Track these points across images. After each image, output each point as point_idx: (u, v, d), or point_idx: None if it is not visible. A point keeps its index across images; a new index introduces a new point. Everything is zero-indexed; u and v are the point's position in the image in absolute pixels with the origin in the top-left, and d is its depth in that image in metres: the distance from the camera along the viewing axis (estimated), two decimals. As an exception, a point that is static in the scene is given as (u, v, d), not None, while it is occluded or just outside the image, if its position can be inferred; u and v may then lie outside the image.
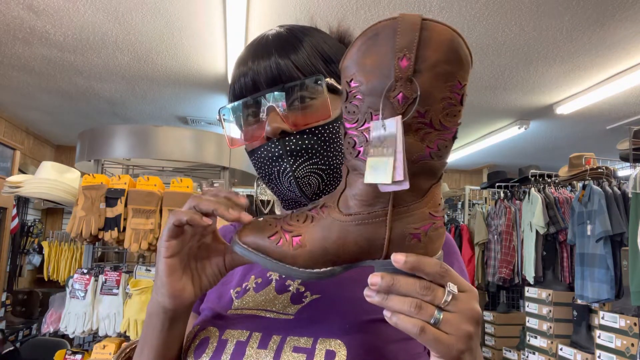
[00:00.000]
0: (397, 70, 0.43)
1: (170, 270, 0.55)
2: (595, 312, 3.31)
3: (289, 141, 0.62)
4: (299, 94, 0.63)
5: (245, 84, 0.64)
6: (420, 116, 0.44)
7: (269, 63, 0.63)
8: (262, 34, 0.69)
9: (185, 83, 4.18)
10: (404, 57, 0.43)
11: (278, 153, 0.62)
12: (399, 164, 0.43)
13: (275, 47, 0.64)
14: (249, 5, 2.84)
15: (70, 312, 2.28)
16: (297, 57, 0.64)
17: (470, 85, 4.00)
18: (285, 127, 0.61)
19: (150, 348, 0.61)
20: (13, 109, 5.10)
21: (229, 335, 0.61)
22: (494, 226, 4.61)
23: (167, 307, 0.57)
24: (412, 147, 0.45)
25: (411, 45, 0.42)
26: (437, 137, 0.45)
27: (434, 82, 0.43)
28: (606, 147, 4.97)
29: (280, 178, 0.63)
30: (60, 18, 3.08)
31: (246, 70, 0.64)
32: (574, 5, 2.76)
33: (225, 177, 2.78)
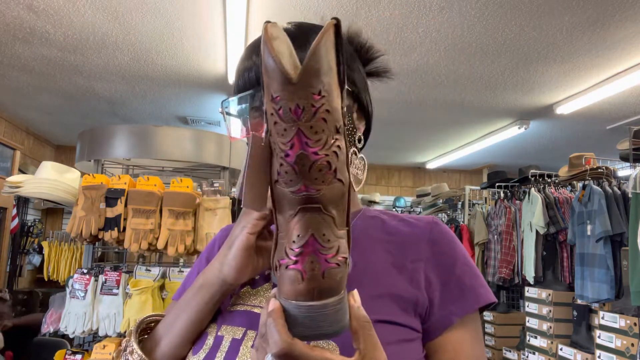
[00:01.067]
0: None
1: (248, 246, 0.57)
2: (595, 312, 3.31)
3: None
4: None
5: (249, 78, 0.64)
6: (271, 134, 0.41)
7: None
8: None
9: (185, 83, 4.18)
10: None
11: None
12: (242, 184, 0.43)
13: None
14: (249, 5, 2.84)
15: (70, 312, 2.28)
16: (303, 54, 0.63)
17: (470, 85, 4.02)
18: None
19: (190, 316, 0.62)
20: (13, 109, 5.10)
21: (225, 331, 0.62)
22: (494, 226, 4.61)
23: (227, 280, 0.59)
24: (273, 168, 0.42)
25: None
26: (280, 161, 0.40)
27: (266, 99, 0.40)
28: (606, 147, 4.97)
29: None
30: (60, 18, 3.08)
31: (250, 64, 0.64)
32: (574, 5, 2.76)
33: (225, 177, 2.78)
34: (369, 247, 0.67)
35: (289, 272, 0.41)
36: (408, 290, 0.62)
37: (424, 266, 0.65)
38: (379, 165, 7.54)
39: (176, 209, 2.28)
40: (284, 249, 0.42)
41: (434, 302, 0.63)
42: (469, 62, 3.58)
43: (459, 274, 0.65)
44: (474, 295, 0.65)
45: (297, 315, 0.42)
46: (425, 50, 3.39)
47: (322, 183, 0.40)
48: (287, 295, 0.42)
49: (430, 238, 0.67)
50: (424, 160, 7.22)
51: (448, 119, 5.01)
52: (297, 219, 0.42)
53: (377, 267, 0.64)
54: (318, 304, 0.42)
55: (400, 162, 7.46)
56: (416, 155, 6.94)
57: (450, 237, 0.69)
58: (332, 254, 0.42)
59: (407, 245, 0.67)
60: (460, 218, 5.55)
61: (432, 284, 0.64)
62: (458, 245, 0.69)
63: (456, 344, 0.63)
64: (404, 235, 0.68)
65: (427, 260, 0.65)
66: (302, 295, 0.41)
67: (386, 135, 5.65)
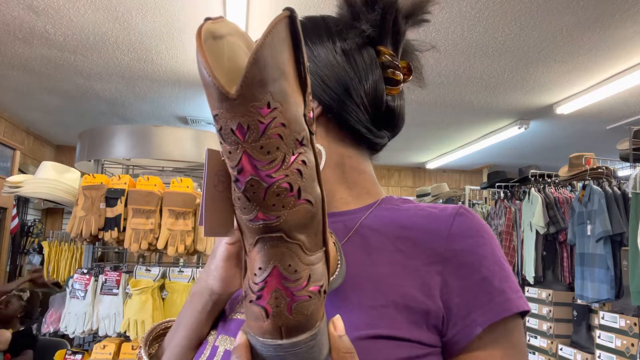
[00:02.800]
0: None
1: (227, 256, 0.55)
2: (595, 312, 3.31)
3: None
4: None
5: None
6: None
7: None
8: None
9: (185, 83, 4.18)
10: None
11: None
12: (202, 208, 0.39)
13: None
14: (249, 5, 2.84)
15: (70, 312, 2.28)
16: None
17: (471, 85, 4.02)
18: None
19: (186, 326, 0.62)
20: (13, 109, 5.10)
21: (221, 341, 0.60)
22: (494, 226, 4.61)
23: (214, 291, 0.58)
24: (232, 192, 0.38)
25: None
26: (233, 186, 0.36)
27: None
28: (606, 147, 4.98)
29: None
30: (60, 18, 3.08)
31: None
32: (574, 5, 2.76)
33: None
34: (376, 247, 0.57)
35: (253, 307, 0.37)
36: (417, 299, 0.52)
37: (440, 268, 0.54)
38: (378, 165, 7.51)
39: (176, 209, 2.28)
40: (247, 282, 0.38)
41: (452, 310, 0.52)
42: (469, 62, 3.58)
43: (486, 275, 0.53)
44: (503, 301, 0.52)
45: (265, 355, 0.38)
46: (425, 50, 3.39)
47: (283, 208, 0.35)
48: (253, 331, 0.38)
49: (450, 233, 0.56)
50: (424, 160, 7.22)
51: (448, 119, 5.01)
52: (257, 250, 0.36)
53: (383, 270, 0.55)
54: (286, 343, 0.37)
55: (400, 162, 7.46)
56: (416, 155, 6.94)
57: (477, 229, 0.56)
58: (301, 285, 0.37)
59: (422, 242, 0.56)
60: (460, 218, 5.55)
61: (450, 288, 0.53)
62: (487, 240, 0.56)
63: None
64: (420, 230, 0.57)
65: (445, 261, 0.54)
66: (269, 333, 0.37)
67: (386, 135, 5.65)
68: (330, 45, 0.65)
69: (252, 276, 0.37)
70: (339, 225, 0.61)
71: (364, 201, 0.65)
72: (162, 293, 2.32)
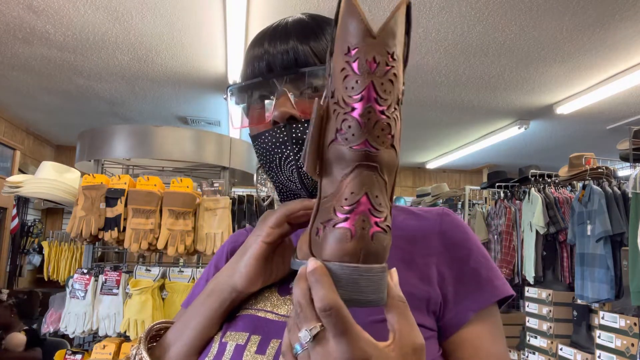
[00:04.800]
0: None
1: (260, 255, 0.56)
2: (595, 312, 3.31)
3: (296, 128, 0.59)
4: (314, 81, 0.61)
5: (259, 66, 0.62)
6: (332, 96, 0.42)
7: (287, 47, 0.61)
8: (281, 19, 0.67)
9: (185, 83, 4.18)
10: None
11: (283, 139, 0.59)
12: (305, 150, 0.42)
13: (295, 31, 0.63)
14: (249, 5, 2.84)
15: (70, 312, 2.28)
16: (316, 45, 0.62)
17: (471, 85, 4.02)
18: (295, 113, 0.59)
19: (198, 324, 0.61)
20: (13, 109, 5.10)
21: (229, 337, 0.60)
22: (494, 226, 4.61)
23: (238, 288, 0.58)
24: (329, 131, 0.42)
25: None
26: (342, 117, 0.40)
27: (336, 56, 0.42)
28: (606, 147, 4.97)
29: (282, 166, 0.61)
30: (60, 18, 3.08)
31: (262, 52, 0.62)
32: (574, 5, 2.76)
33: (225, 177, 2.78)
34: None
35: (337, 230, 0.40)
36: (419, 287, 0.59)
37: (435, 260, 0.62)
38: (379, 165, 7.54)
39: (176, 209, 2.28)
40: (332, 209, 0.41)
41: (447, 297, 0.60)
42: (469, 62, 3.58)
43: (474, 267, 0.62)
44: (491, 288, 0.62)
45: (341, 277, 0.39)
46: (425, 50, 3.39)
47: (382, 144, 0.40)
48: (331, 255, 0.40)
49: (441, 230, 0.64)
50: (424, 160, 7.22)
51: (448, 119, 5.01)
52: (352, 177, 0.40)
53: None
54: (364, 267, 0.39)
55: (401, 162, 7.40)
56: (416, 155, 6.94)
57: (463, 227, 0.66)
58: (382, 218, 0.40)
59: (416, 240, 0.63)
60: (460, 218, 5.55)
61: (445, 278, 0.61)
62: (471, 236, 0.66)
63: (475, 341, 0.60)
64: (413, 229, 0.65)
65: (438, 254, 0.62)
66: (349, 254, 0.39)
67: (386, 135, 5.65)
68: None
69: (339, 202, 0.41)
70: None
71: None
72: (162, 293, 2.33)
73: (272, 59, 0.61)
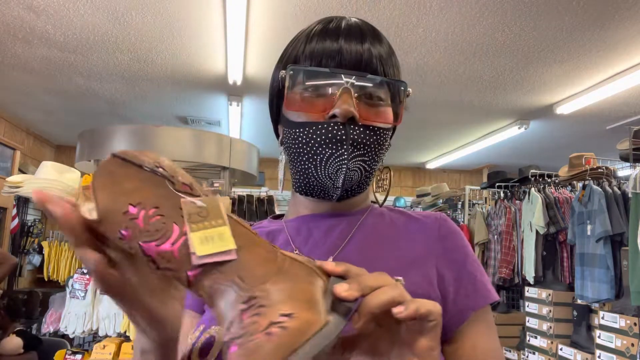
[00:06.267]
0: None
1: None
2: (595, 312, 3.31)
3: (354, 130, 0.60)
4: (379, 89, 0.63)
5: (332, 59, 0.62)
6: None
7: (361, 49, 0.62)
8: (338, 17, 0.68)
9: (185, 83, 4.18)
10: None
11: (340, 137, 0.60)
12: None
13: (370, 35, 0.64)
14: (249, 5, 2.84)
15: (70, 312, 2.28)
16: (382, 51, 0.64)
17: (471, 85, 4.02)
18: (356, 114, 0.60)
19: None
20: (13, 109, 5.10)
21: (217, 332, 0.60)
22: (494, 226, 4.61)
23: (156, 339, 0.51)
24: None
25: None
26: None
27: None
28: (606, 147, 4.97)
29: (329, 162, 0.61)
30: (60, 18, 3.08)
31: (337, 47, 0.62)
32: (574, 5, 2.76)
33: (225, 177, 2.78)
34: (378, 245, 0.66)
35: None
36: (421, 287, 0.61)
37: (435, 262, 0.65)
38: (379, 165, 7.54)
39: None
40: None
41: (447, 298, 0.63)
42: (469, 62, 3.58)
43: (471, 270, 0.66)
44: (485, 291, 0.66)
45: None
46: (425, 50, 3.39)
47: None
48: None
49: (440, 234, 0.68)
50: (424, 160, 7.22)
51: (448, 119, 5.01)
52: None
53: (388, 265, 0.64)
54: None
55: (400, 162, 7.46)
56: (416, 155, 6.94)
57: (459, 233, 0.70)
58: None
59: (417, 242, 0.67)
60: (460, 218, 5.55)
61: (445, 279, 0.64)
62: (466, 241, 0.70)
63: (473, 338, 0.63)
64: (413, 232, 0.68)
65: (438, 257, 0.65)
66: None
67: (386, 135, 5.65)
68: None
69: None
70: (344, 223, 0.69)
71: (359, 205, 0.72)
72: (162, 293, 2.32)
73: (347, 56, 0.62)
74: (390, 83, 0.64)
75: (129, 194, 0.41)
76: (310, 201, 0.70)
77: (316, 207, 0.70)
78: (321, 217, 0.70)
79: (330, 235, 0.67)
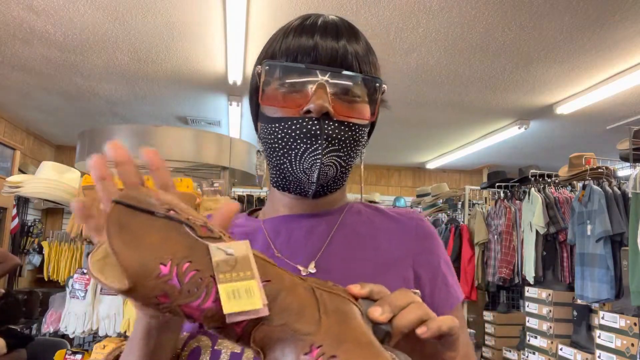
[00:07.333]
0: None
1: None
2: (595, 312, 3.31)
3: (328, 125, 0.60)
4: (354, 85, 0.63)
5: (307, 55, 0.62)
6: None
7: (337, 45, 0.62)
8: (315, 15, 0.68)
9: (185, 83, 4.18)
10: None
11: (314, 132, 0.60)
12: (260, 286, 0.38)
13: (346, 32, 0.65)
14: (249, 5, 2.84)
15: (70, 312, 2.28)
16: (358, 48, 0.64)
17: (471, 85, 4.02)
18: (330, 110, 0.60)
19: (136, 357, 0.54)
20: (13, 109, 5.10)
21: (222, 345, 0.58)
22: (494, 226, 4.61)
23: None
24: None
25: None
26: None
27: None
28: (606, 147, 4.97)
29: (304, 156, 0.61)
30: (60, 18, 3.08)
31: (312, 43, 0.62)
32: (574, 5, 2.76)
33: (225, 177, 2.78)
34: (357, 247, 0.67)
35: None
36: (399, 287, 0.61)
37: (412, 263, 0.67)
38: (379, 165, 7.54)
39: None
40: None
41: (423, 298, 0.62)
42: (469, 62, 3.58)
43: (444, 271, 0.69)
44: (456, 291, 0.69)
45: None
46: (425, 50, 3.39)
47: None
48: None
49: (417, 234, 0.69)
50: (424, 160, 7.22)
51: (448, 119, 5.01)
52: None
53: (367, 265, 0.65)
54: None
55: (400, 162, 7.46)
56: (416, 155, 6.94)
57: (434, 234, 0.72)
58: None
59: (395, 242, 0.68)
60: (460, 218, 5.55)
61: (421, 280, 0.66)
62: (440, 243, 0.72)
63: None
64: (390, 231, 0.69)
65: (415, 257, 0.67)
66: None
67: (386, 135, 5.65)
68: None
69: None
70: (323, 224, 0.68)
71: (337, 203, 0.72)
72: (162, 293, 2.32)
73: (322, 52, 0.62)
74: (365, 79, 0.64)
75: (155, 250, 0.37)
76: (289, 199, 0.69)
77: (295, 206, 0.69)
78: (300, 218, 0.69)
79: (311, 237, 0.67)
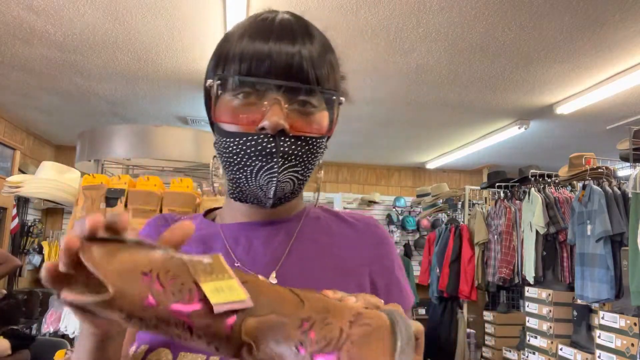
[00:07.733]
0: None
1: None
2: (595, 312, 3.31)
3: (284, 142, 0.58)
4: (310, 98, 0.60)
5: (260, 64, 0.59)
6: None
7: (292, 50, 0.59)
8: (269, 13, 0.65)
9: (185, 83, 4.18)
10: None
11: (270, 149, 0.58)
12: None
13: (301, 33, 0.62)
14: (249, 5, 2.84)
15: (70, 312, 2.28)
16: (313, 50, 0.61)
17: (471, 85, 4.02)
18: (286, 127, 0.58)
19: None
20: (13, 109, 5.10)
21: (184, 358, 0.57)
22: (494, 226, 4.61)
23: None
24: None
25: None
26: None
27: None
28: (606, 147, 4.97)
29: (260, 174, 0.59)
30: (60, 18, 3.08)
31: (266, 50, 0.59)
32: (574, 5, 2.76)
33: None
34: (316, 256, 0.66)
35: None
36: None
37: (368, 270, 0.67)
38: (379, 165, 7.54)
39: (176, 209, 2.28)
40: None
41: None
42: (469, 62, 3.58)
43: (398, 277, 0.70)
44: (409, 296, 0.70)
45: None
46: (425, 50, 3.39)
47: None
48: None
49: (372, 241, 0.70)
50: (424, 160, 7.21)
51: (448, 119, 5.01)
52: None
53: (323, 274, 0.64)
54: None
55: (400, 162, 7.46)
56: (416, 155, 6.94)
57: (389, 238, 0.73)
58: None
59: (352, 250, 0.68)
60: (460, 218, 5.55)
61: (377, 287, 0.67)
62: (393, 247, 0.73)
63: None
64: (347, 238, 0.69)
65: (371, 264, 0.68)
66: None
67: (386, 135, 5.65)
68: None
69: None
70: (282, 233, 0.67)
71: (295, 209, 0.71)
72: (162, 293, 2.32)
73: (277, 60, 0.59)
74: (324, 93, 0.61)
75: (134, 261, 0.37)
76: (246, 207, 0.67)
77: (252, 214, 0.68)
78: (259, 226, 0.68)
79: (270, 246, 0.66)
